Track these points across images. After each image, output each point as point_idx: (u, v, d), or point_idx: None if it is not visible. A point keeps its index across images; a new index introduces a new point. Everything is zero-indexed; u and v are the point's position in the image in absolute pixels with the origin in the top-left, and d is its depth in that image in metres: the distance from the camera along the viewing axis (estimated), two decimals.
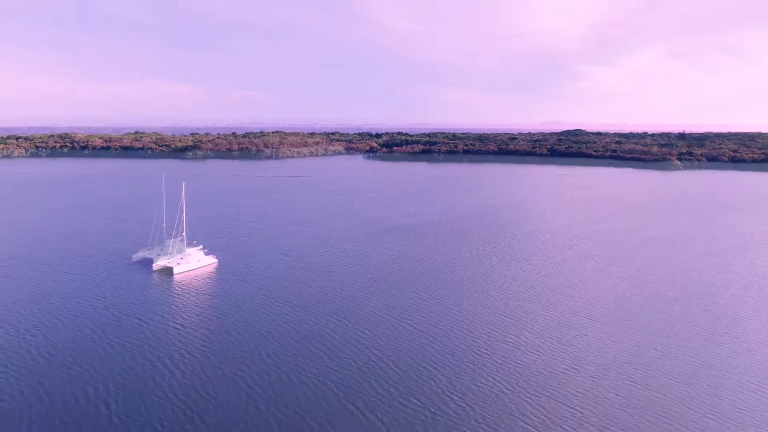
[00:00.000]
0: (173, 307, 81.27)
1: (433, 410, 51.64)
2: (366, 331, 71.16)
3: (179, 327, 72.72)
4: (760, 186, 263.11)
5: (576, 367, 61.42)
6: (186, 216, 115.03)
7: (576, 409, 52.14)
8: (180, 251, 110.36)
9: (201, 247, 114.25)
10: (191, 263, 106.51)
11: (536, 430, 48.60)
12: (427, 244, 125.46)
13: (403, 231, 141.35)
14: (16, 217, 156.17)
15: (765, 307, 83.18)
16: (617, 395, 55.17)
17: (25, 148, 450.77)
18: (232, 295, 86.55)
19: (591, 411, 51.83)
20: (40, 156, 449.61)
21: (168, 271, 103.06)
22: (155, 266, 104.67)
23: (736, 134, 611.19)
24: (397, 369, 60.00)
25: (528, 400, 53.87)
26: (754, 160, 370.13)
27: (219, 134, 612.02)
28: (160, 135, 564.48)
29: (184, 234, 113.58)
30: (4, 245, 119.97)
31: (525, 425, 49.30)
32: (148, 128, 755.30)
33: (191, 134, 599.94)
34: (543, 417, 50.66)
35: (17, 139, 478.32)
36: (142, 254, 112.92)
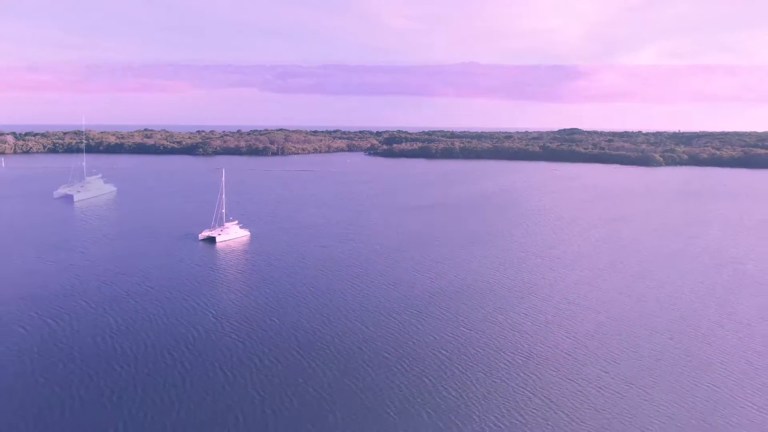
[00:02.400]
0: (222, 264, 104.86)
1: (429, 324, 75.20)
2: (380, 277, 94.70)
3: (230, 279, 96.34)
4: (730, 180, 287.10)
5: (534, 295, 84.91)
6: (224, 197, 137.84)
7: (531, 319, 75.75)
8: (99, 187, 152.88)
9: (236, 222, 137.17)
10: (230, 234, 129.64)
11: (500, 323, 71.99)
12: (430, 221, 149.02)
13: (408, 211, 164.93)
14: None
15: (694, 265, 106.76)
16: (563, 314, 78.71)
17: (42, 145, 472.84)
18: (267, 255, 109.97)
19: (543, 320, 75.45)
20: (57, 152, 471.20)
21: (212, 240, 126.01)
22: (201, 236, 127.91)
23: (726, 133, 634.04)
24: (401, 300, 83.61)
25: (503, 314, 77.43)
26: (732, 158, 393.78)
27: (224, 131, 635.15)
28: (168, 132, 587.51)
29: (100, 175, 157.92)
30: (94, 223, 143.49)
31: (495, 321, 72.71)
32: (153, 126, 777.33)
33: (197, 132, 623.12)
34: (514, 322, 74.23)
35: (35, 135, 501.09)
36: (62, 191, 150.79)
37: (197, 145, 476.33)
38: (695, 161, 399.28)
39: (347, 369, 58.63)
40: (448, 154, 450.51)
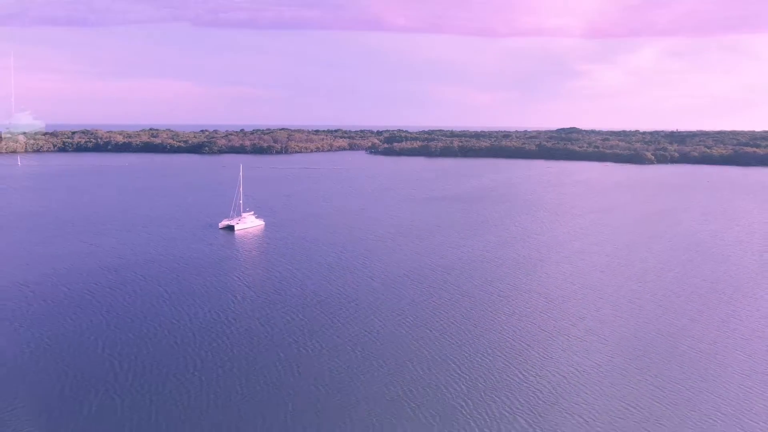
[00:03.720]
0: (244, 248, 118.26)
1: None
2: (386, 256, 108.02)
3: (253, 259, 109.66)
4: (715, 176, 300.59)
5: (518, 270, 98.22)
6: (242, 190, 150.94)
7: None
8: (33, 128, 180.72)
9: (252, 212, 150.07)
10: (247, 223, 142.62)
11: (488, 291, 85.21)
12: (430, 211, 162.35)
13: (410, 203, 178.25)
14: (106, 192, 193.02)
15: (664, 247, 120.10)
16: (542, 284, 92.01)
17: (53, 143, 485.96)
18: (282, 240, 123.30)
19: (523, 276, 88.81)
20: (67, 151, 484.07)
21: (231, 228, 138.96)
22: (220, 225, 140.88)
23: (721, 132, 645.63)
24: (405, 273, 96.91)
25: (497, 274, 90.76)
26: (722, 156, 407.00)
27: (227, 131, 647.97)
28: (174, 132, 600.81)
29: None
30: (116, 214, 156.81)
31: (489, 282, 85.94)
32: (156, 125, 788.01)
33: (201, 131, 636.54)
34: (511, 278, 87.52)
35: (44, 134, 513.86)
36: None
37: (203, 144, 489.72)
38: (686, 159, 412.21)
39: (362, 324, 71.91)
40: (447, 152, 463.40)
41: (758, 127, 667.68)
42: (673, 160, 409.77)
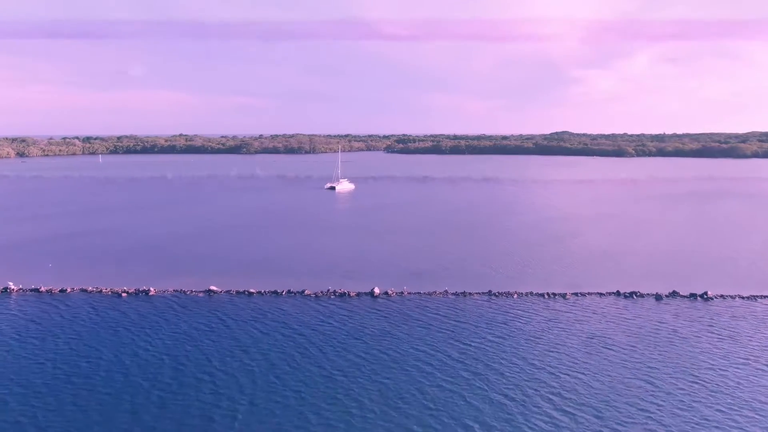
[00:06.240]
0: (343, 199, 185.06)
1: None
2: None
3: (352, 205, 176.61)
4: (683, 167, 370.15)
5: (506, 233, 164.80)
6: (339, 167, 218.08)
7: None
8: None
9: (347, 179, 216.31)
10: (344, 186, 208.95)
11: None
12: (451, 189, 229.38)
13: (442, 182, 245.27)
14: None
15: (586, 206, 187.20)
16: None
17: (105, 147, 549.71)
18: (368, 195, 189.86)
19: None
20: (118, 153, 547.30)
21: (333, 189, 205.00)
22: (326, 186, 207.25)
23: (701, 134, 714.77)
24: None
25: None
26: (691, 150, 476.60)
27: (244, 137, 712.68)
28: (208, 138, 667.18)
29: None
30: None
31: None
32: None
33: (232, 137, 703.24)
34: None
35: (96, 139, 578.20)
36: None
37: (240, 146, 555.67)
38: (662, 153, 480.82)
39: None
40: (456, 150, 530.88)
41: (756, 128, 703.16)
42: (650, 154, 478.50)
